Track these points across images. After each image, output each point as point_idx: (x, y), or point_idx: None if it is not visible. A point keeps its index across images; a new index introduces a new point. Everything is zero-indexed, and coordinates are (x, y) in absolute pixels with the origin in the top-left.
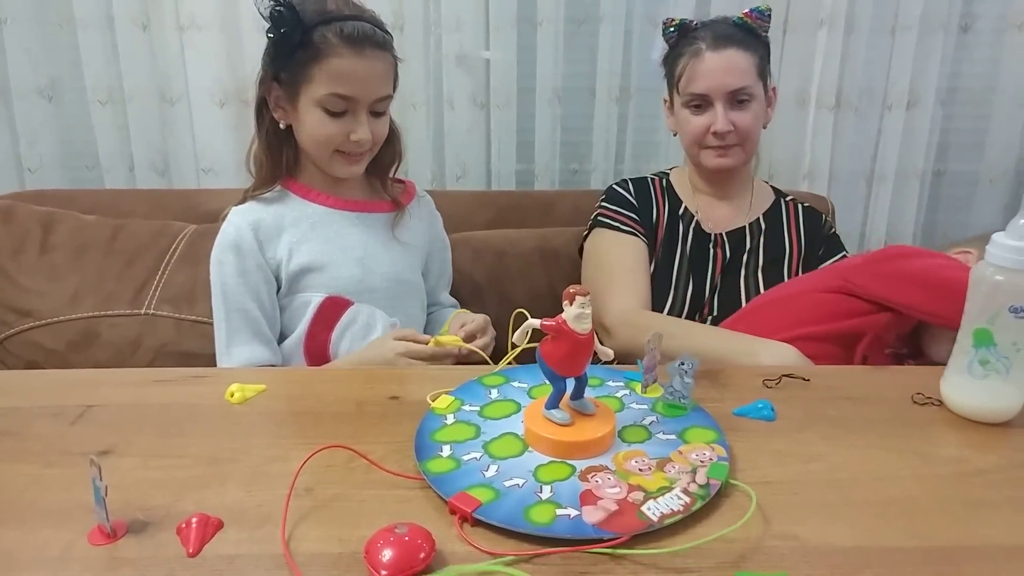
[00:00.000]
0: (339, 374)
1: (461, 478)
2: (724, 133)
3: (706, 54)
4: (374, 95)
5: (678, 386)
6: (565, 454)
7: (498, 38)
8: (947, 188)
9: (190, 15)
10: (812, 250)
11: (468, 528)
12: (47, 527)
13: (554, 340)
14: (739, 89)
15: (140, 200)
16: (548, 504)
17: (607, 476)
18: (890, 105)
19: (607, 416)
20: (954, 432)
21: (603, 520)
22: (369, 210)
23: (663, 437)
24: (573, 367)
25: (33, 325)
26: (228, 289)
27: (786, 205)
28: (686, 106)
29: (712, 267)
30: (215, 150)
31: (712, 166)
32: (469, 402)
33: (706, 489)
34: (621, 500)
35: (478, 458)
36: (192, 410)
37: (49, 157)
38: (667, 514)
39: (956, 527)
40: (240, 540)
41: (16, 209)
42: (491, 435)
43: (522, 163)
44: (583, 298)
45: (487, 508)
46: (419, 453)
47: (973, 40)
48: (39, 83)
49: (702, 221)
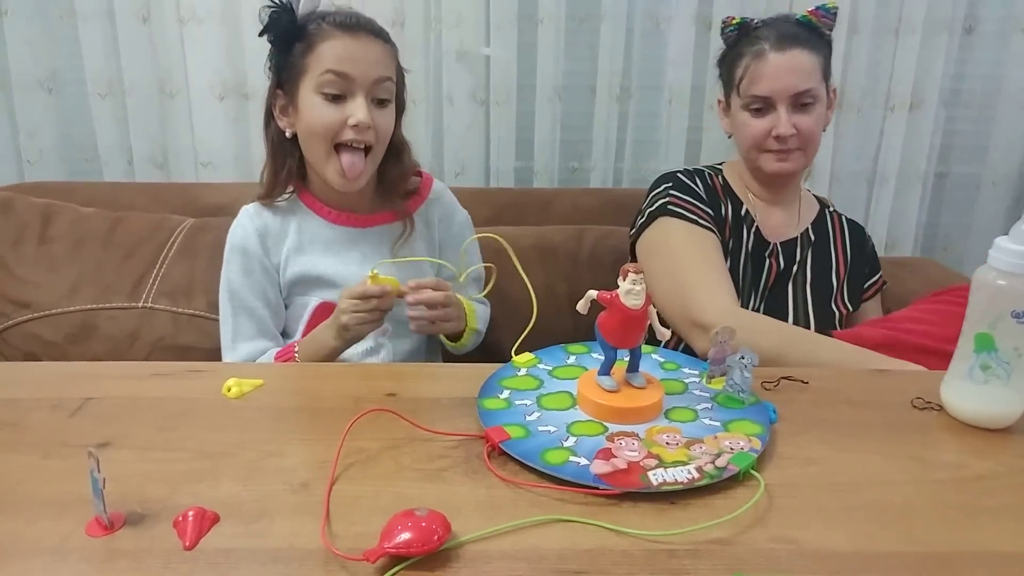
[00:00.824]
0: (336, 370)
1: (504, 416)
2: (786, 137)
3: (770, 55)
4: (372, 75)
5: (738, 379)
6: (604, 416)
7: (499, 35)
8: (949, 190)
9: (190, 8)
10: (857, 268)
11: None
12: (45, 518)
13: (608, 312)
14: (804, 91)
15: (139, 193)
16: (565, 450)
17: (632, 441)
18: (893, 106)
19: (654, 392)
20: (954, 437)
21: (606, 473)
22: (371, 224)
23: (707, 422)
24: (624, 339)
25: (31, 317)
26: (234, 288)
27: (831, 217)
28: (746, 108)
29: (766, 277)
30: (214, 144)
31: (771, 170)
32: (546, 361)
33: (719, 472)
34: (633, 462)
35: (528, 404)
36: (189, 404)
37: (49, 149)
38: (667, 482)
39: (954, 533)
40: (236, 534)
41: (15, 201)
42: (549, 390)
43: (521, 160)
44: (636, 275)
45: (513, 443)
46: (481, 391)
47: (977, 42)
48: (39, 75)
49: (761, 227)
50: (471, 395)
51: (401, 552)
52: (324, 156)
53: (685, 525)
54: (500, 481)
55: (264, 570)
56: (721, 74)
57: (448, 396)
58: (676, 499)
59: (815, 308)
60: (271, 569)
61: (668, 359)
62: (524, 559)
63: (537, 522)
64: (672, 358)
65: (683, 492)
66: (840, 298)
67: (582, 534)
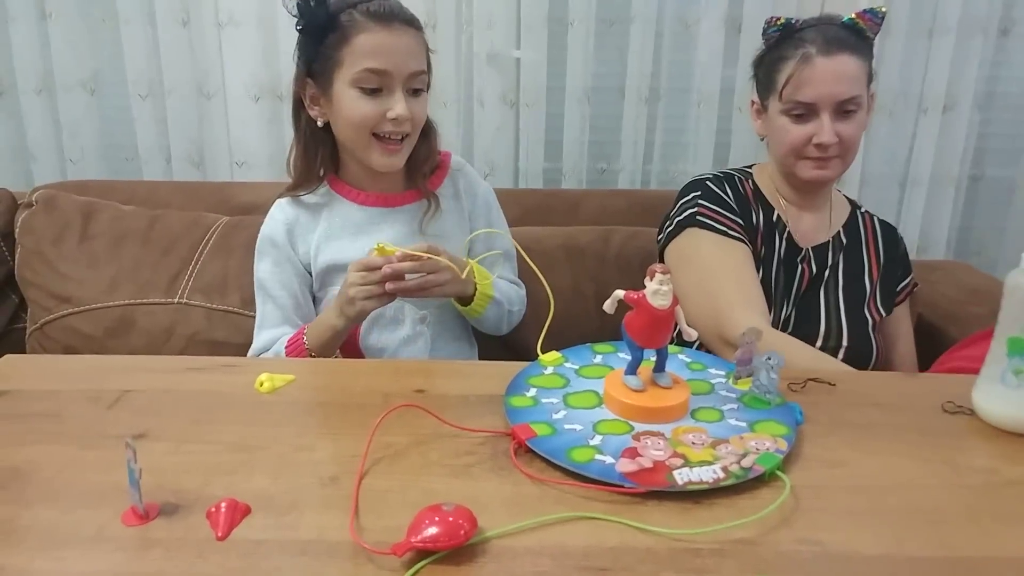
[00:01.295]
0: (366, 366)
1: (531, 414)
2: (828, 145)
3: (817, 59)
4: (407, 69)
5: (764, 380)
6: (630, 416)
7: (529, 37)
8: (983, 194)
9: (228, 12)
10: (890, 271)
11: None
12: (83, 507)
13: (635, 312)
14: (850, 99)
15: (176, 191)
16: (591, 448)
17: (658, 440)
18: (926, 109)
19: (680, 392)
20: (985, 442)
21: (632, 472)
22: (399, 203)
23: (733, 423)
24: (650, 339)
25: (72, 311)
26: (263, 278)
27: (862, 218)
28: (787, 114)
29: (799, 284)
30: (249, 144)
31: (809, 178)
32: (573, 360)
33: (745, 472)
34: (659, 461)
35: (554, 403)
36: (223, 398)
37: (90, 148)
38: (693, 481)
39: (984, 538)
40: (267, 526)
41: (58, 198)
42: (576, 389)
43: (550, 162)
44: (663, 275)
45: (540, 440)
46: (508, 389)
47: (1013, 44)
48: (82, 76)
49: (793, 233)
50: (499, 392)
51: (428, 546)
52: (364, 144)
53: (710, 524)
54: (526, 478)
55: (293, 561)
56: (758, 75)
57: (476, 393)
58: (701, 498)
59: (848, 313)
60: (300, 561)
61: (694, 359)
62: (549, 555)
63: (563, 519)
64: (698, 358)
65: (708, 492)
66: (873, 303)
67: (607, 531)
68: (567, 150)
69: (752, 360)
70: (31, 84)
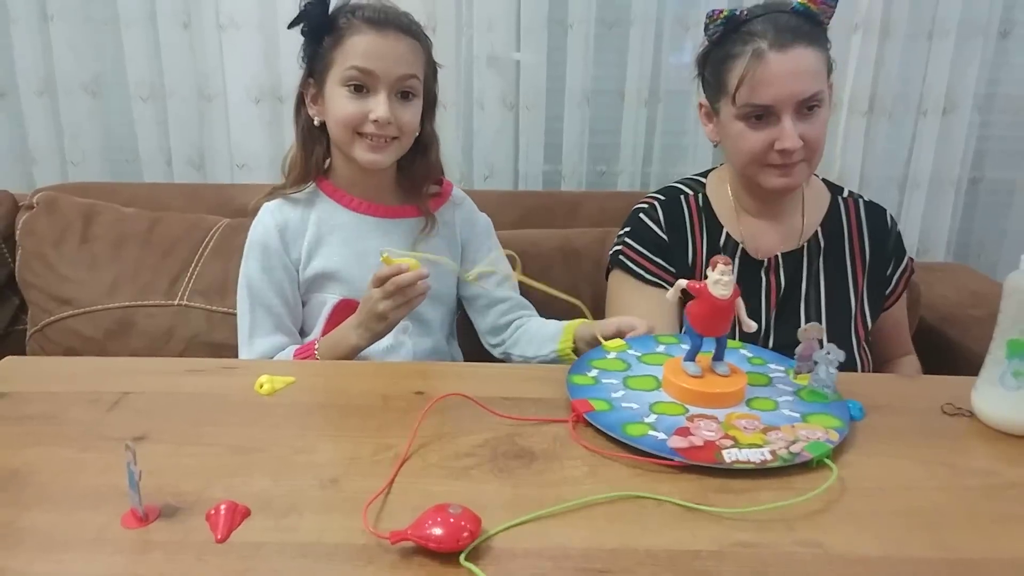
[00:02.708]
0: (366, 368)
1: (590, 391)
2: (793, 150)
3: (770, 55)
4: (395, 72)
5: (823, 375)
6: (686, 399)
7: (529, 40)
8: (983, 196)
9: (229, 15)
10: (879, 262)
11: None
12: (82, 509)
13: (697, 301)
14: (811, 96)
15: (177, 194)
16: (645, 425)
17: (711, 423)
18: (925, 111)
19: (737, 380)
20: (985, 444)
21: (683, 448)
22: (395, 216)
23: (787, 412)
24: (710, 327)
25: (72, 313)
26: (253, 283)
27: (844, 205)
28: (742, 119)
29: (766, 297)
30: (249, 146)
31: (774, 187)
32: (636, 348)
33: (792, 456)
34: (709, 441)
35: (614, 383)
36: (223, 400)
37: (91, 150)
38: (742, 460)
39: (984, 540)
40: (266, 528)
41: (59, 200)
42: (636, 373)
43: (549, 164)
44: (724, 267)
45: (597, 415)
46: (571, 368)
47: (1013, 46)
48: (83, 79)
49: (749, 248)
50: (497, 394)
51: (422, 543)
52: (349, 141)
53: (752, 504)
54: (527, 481)
55: (293, 564)
56: (704, 76)
57: (475, 395)
58: (745, 478)
59: (830, 327)
60: (300, 563)
61: (756, 354)
62: (549, 556)
63: (611, 498)
64: (760, 354)
65: (752, 473)
66: (860, 318)
67: (606, 533)
68: (567, 152)
69: (812, 355)
70: (32, 86)
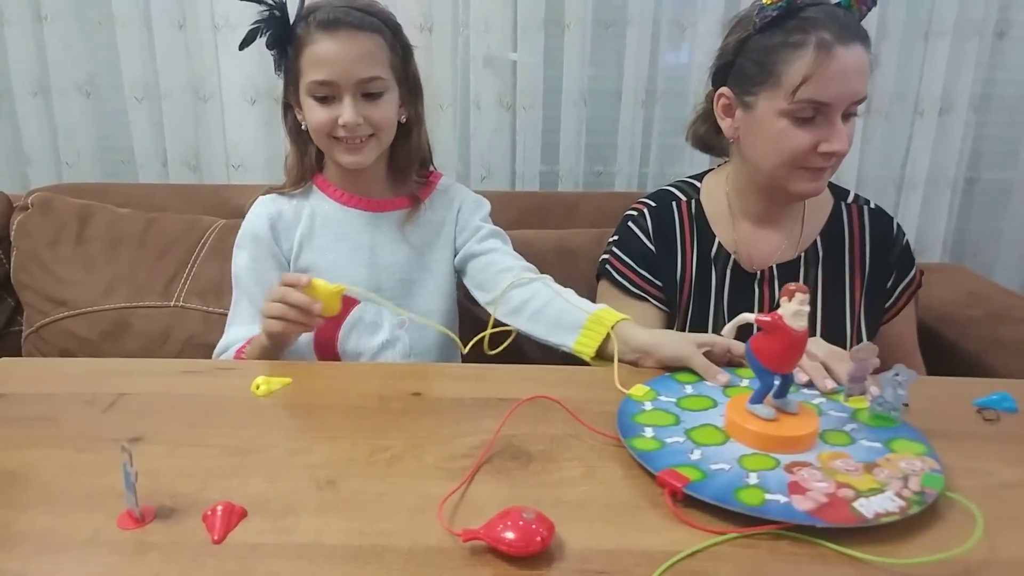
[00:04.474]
0: (362, 369)
1: (666, 457)
2: (842, 154)
3: (838, 49)
4: (354, 76)
5: (890, 397)
6: (769, 447)
7: (525, 40)
8: (979, 196)
9: (224, 15)
10: (880, 272)
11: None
12: (78, 511)
13: (768, 335)
14: (862, 99)
15: (172, 194)
16: (756, 489)
17: (813, 471)
18: (922, 111)
19: (810, 415)
20: (982, 443)
21: (814, 509)
22: (385, 208)
23: (867, 444)
24: (784, 363)
25: (68, 314)
26: (240, 273)
27: (848, 211)
28: (790, 115)
29: (759, 310)
30: (245, 146)
31: (802, 192)
32: (665, 394)
33: (921, 496)
34: (830, 494)
35: (681, 442)
36: (219, 401)
37: (86, 151)
38: (882, 513)
39: (981, 540)
40: (263, 529)
41: (54, 201)
42: (691, 424)
43: (547, 164)
44: (803, 295)
45: (696, 485)
46: (624, 431)
47: (1009, 46)
48: (78, 79)
49: (742, 257)
50: (494, 395)
51: (493, 545)
52: (328, 146)
53: (908, 551)
54: (524, 481)
55: (290, 565)
56: (738, 64)
57: (471, 396)
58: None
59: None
60: (297, 564)
61: None
62: (545, 558)
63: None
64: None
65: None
66: (855, 330)
67: (604, 534)
68: (564, 153)
69: (866, 377)
70: (27, 87)
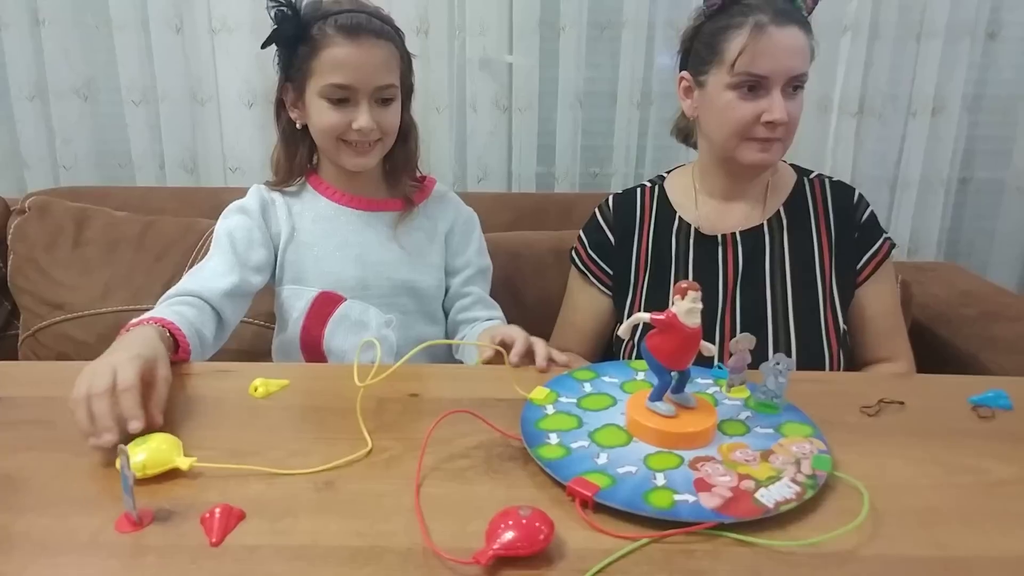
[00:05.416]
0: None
1: (574, 464)
2: (778, 124)
3: (771, 28)
4: (373, 83)
5: (772, 385)
6: (672, 444)
7: (521, 43)
8: (973, 196)
9: (221, 18)
10: (845, 236)
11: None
12: (76, 514)
13: (663, 333)
14: (800, 75)
15: (170, 197)
16: (665, 490)
17: (716, 466)
18: (915, 112)
19: (709, 409)
20: (977, 441)
21: (721, 505)
22: (378, 208)
23: (761, 431)
24: (680, 360)
25: (65, 317)
26: (218, 237)
27: (811, 184)
28: (735, 88)
29: (723, 274)
30: (242, 149)
31: (752, 161)
32: (565, 394)
33: (813, 479)
34: (734, 488)
35: (586, 446)
36: (217, 403)
37: (84, 155)
38: (781, 501)
39: (978, 538)
40: (261, 531)
41: (51, 205)
42: (594, 425)
43: (543, 166)
44: (695, 293)
45: (606, 492)
46: (529, 440)
47: (1000, 47)
48: (76, 83)
49: (703, 227)
50: (492, 396)
51: (509, 553)
52: (334, 148)
53: (802, 531)
54: (522, 482)
55: (288, 567)
56: (694, 47)
57: (469, 397)
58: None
59: (796, 313)
60: (295, 566)
61: None
62: (544, 557)
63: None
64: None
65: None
66: (829, 303)
67: (602, 534)
68: (560, 154)
69: (744, 368)
70: (24, 91)
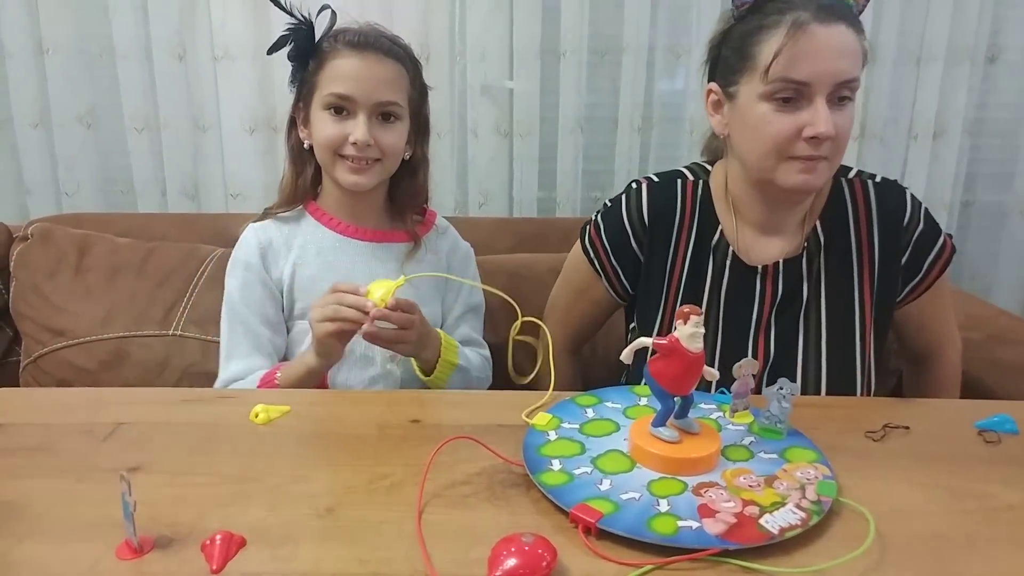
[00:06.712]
0: (361, 396)
1: (577, 491)
2: (824, 139)
3: (813, 26)
4: (374, 97)
5: (775, 410)
6: (675, 470)
7: (522, 68)
8: (975, 219)
9: (224, 46)
10: (891, 252)
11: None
12: (77, 541)
13: (665, 358)
14: (850, 80)
15: (171, 224)
16: (668, 516)
17: (720, 491)
18: (916, 135)
19: (712, 435)
20: (983, 466)
21: (725, 531)
22: (382, 240)
23: (765, 456)
24: (683, 385)
25: (66, 344)
26: (233, 302)
27: (850, 187)
28: (769, 99)
29: (759, 305)
30: (244, 176)
31: (792, 185)
32: (567, 420)
33: (819, 505)
34: (738, 513)
35: (589, 472)
36: (218, 429)
37: (86, 181)
38: (786, 527)
39: (984, 563)
40: (262, 558)
41: (53, 231)
42: (596, 451)
43: (544, 191)
44: (697, 318)
45: (609, 519)
46: (531, 467)
47: (1000, 71)
48: (79, 111)
49: (741, 253)
50: (493, 422)
51: None
52: (331, 163)
53: (809, 558)
54: (524, 508)
55: None
56: (723, 55)
57: (471, 423)
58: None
59: (830, 344)
60: None
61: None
62: None
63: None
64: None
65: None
66: (867, 330)
67: (603, 565)
68: (561, 179)
69: (748, 392)
70: (28, 118)
